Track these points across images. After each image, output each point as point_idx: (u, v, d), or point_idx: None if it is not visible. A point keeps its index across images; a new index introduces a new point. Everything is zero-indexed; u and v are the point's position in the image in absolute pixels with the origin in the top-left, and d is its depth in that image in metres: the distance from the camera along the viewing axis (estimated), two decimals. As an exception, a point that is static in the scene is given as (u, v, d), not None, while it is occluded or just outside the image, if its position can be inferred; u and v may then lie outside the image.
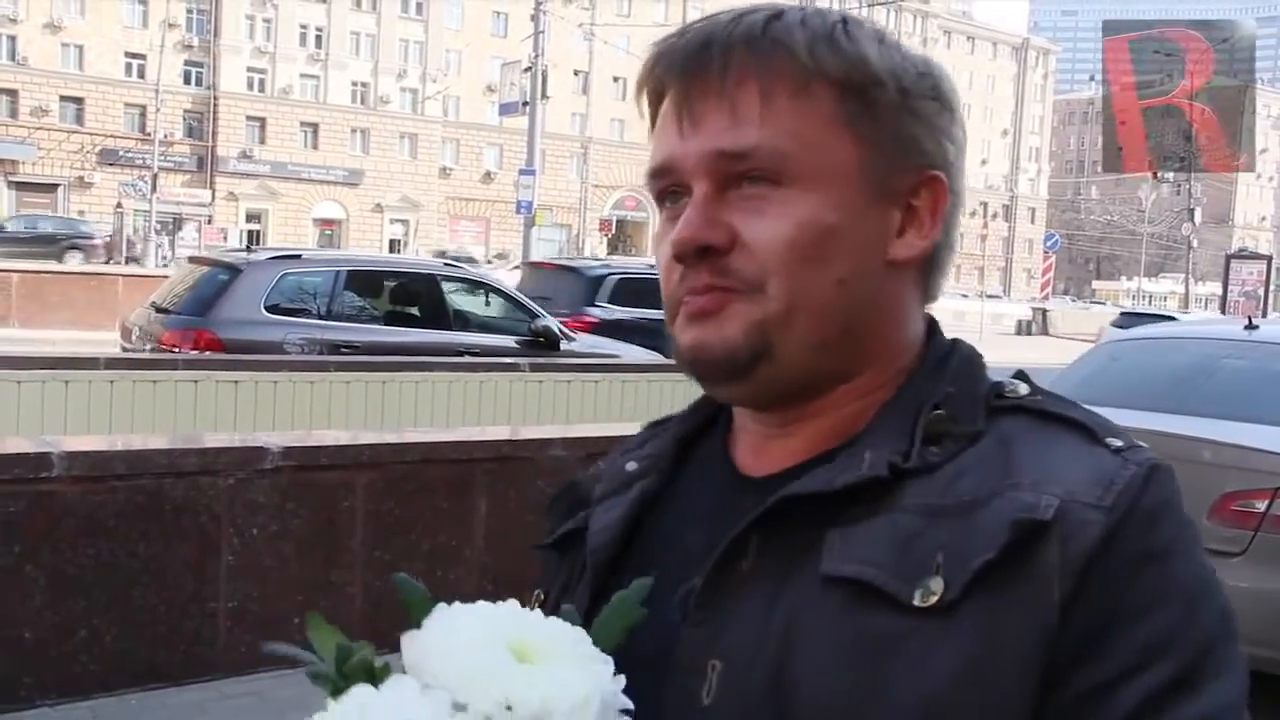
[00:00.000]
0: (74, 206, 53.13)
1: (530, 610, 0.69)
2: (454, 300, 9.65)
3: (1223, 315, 21.20)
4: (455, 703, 0.63)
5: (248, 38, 58.05)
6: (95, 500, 3.63)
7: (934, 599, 0.68)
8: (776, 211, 0.76)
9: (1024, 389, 0.80)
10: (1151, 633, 0.68)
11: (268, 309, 8.41)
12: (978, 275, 78.37)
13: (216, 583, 3.84)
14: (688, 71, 0.77)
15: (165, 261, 32.87)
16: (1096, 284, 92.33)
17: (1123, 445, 0.73)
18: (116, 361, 6.87)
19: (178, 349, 7.91)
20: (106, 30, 54.57)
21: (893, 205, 0.79)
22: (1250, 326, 5.56)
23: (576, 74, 65.48)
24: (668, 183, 0.80)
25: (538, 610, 0.69)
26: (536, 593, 0.89)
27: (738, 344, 0.76)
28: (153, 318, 8.63)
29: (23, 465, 3.54)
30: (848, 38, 0.77)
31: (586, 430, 5.57)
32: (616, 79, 64.90)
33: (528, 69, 25.49)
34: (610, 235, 64.25)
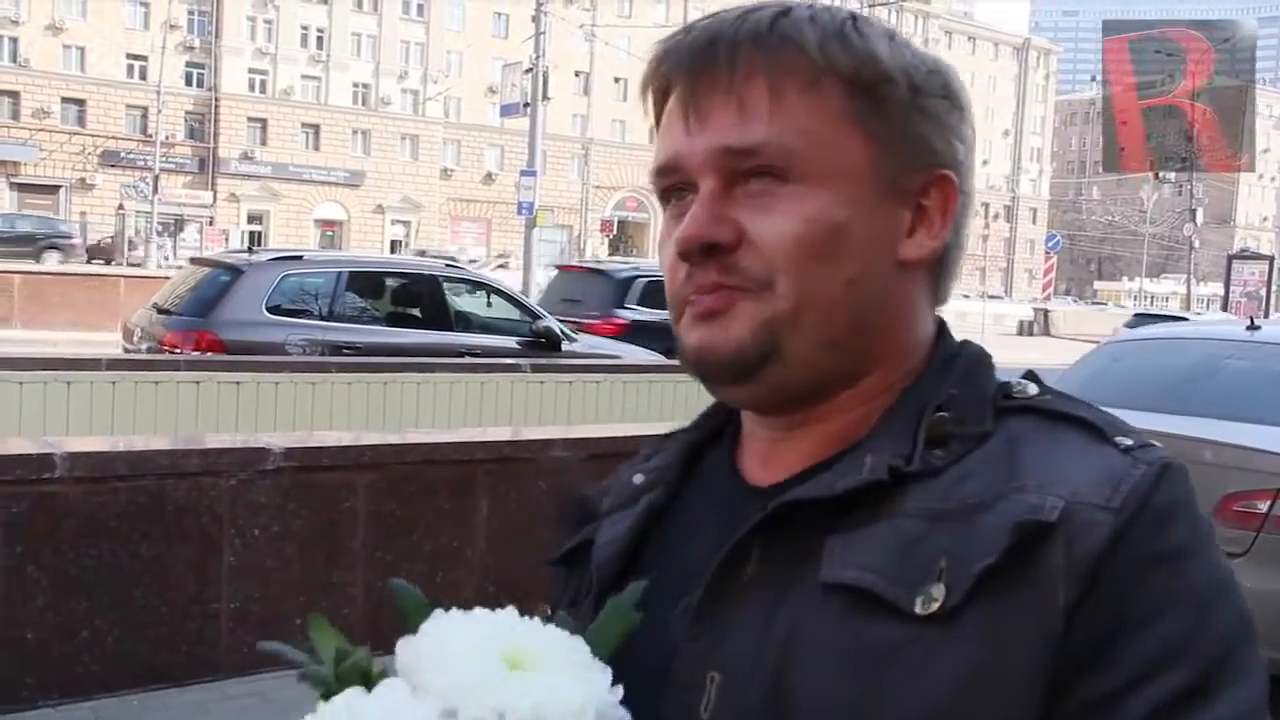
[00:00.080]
0: (76, 208, 53.17)
1: (529, 618, 0.68)
2: (455, 301, 9.65)
3: (1235, 316, 21.17)
4: (445, 709, 0.62)
5: (249, 39, 58.10)
6: (97, 501, 3.63)
7: (935, 606, 0.67)
8: (785, 208, 0.74)
9: (1033, 389, 0.78)
10: (1163, 638, 0.66)
11: (269, 310, 8.42)
12: (979, 276, 78.21)
13: (218, 583, 3.84)
14: (694, 68, 0.76)
15: (167, 260, 32.90)
16: (1098, 284, 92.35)
17: (1133, 444, 0.71)
18: (118, 362, 6.87)
19: (179, 350, 7.91)
20: (108, 32, 54.62)
21: (902, 205, 0.77)
22: (1252, 327, 5.56)
23: (578, 75, 65.48)
24: (673, 181, 0.78)
25: (536, 618, 0.68)
26: (543, 607, 0.87)
27: (745, 344, 0.74)
28: (154, 319, 8.63)
29: (25, 466, 3.54)
30: (858, 34, 0.76)
31: (588, 431, 5.56)
32: (618, 80, 64.93)
33: (529, 70, 25.48)
34: (612, 236, 64.26)
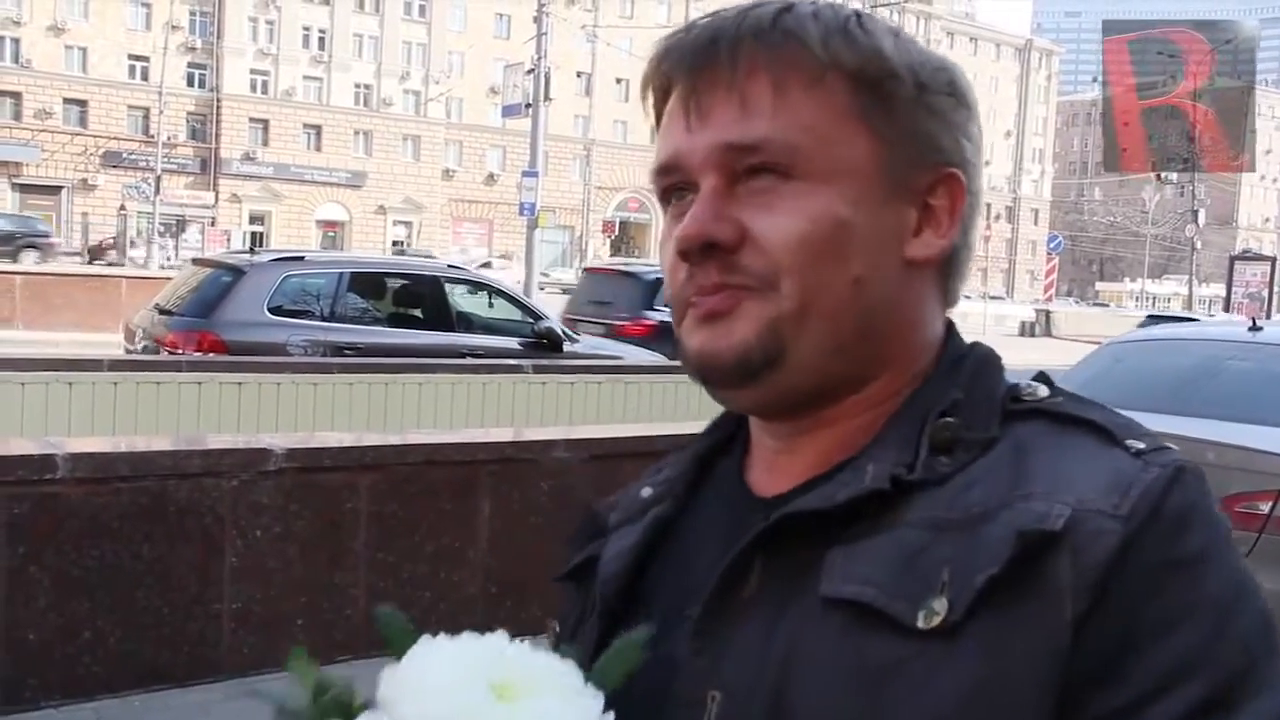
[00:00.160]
0: (78, 209, 53.23)
1: (518, 642, 0.66)
2: (457, 302, 9.65)
3: (1243, 318, 21.17)
4: None
5: (251, 40, 58.16)
6: (99, 502, 3.63)
7: (937, 620, 0.65)
8: (788, 205, 0.72)
9: (1043, 391, 0.75)
10: (1179, 650, 0.63)
11: (271, 311, 8.42)
12: (981, 276, 78.20)
13: (220, 584, 3.84)
14: (695, 66, 0.74)
15: (169, 261, 32.91)
16: (1100, 285, 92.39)
17: (1144, 447, 0.69)
18: (120, 363, 6.88)
19: (181, 350, 7.92)
20: (110, 33, 54.67)
21: (909, 204, 0.75)
22: (1254, 328, 5.55)
23: (579, 76, 65.49)
24: (673, 180, 0.76)
25: (525, 643, 0.66)
26: (553, 623, 0.86)
27: (750, 346, 0.72)
28: (156, 319, 8.64)
29: (27, 467, 3.54)
30: (862, 30, 0.74)
31: (590, 432, 5.57)
32: (619, 81, 64.93)
33: (530, 71, 25.49)
34: (613, 237, 64.29)
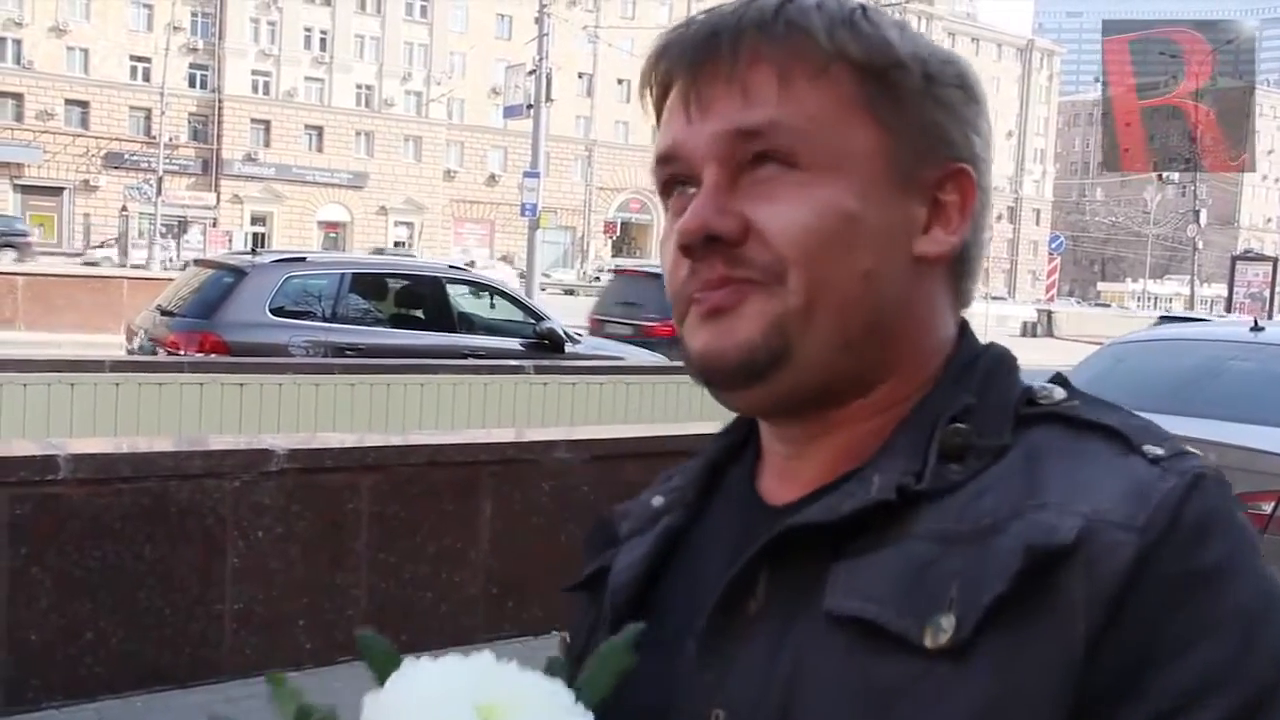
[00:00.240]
0: (79, 210, 53.31)
1: (505, 662, 0.63)
2: (458, 303, 9.65)
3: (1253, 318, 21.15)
4: None
5: (252, 41, 58.20)
6: (101, 503, 3.63)
7: (945, 638, 0.62)
8: (793, 196, 0.69)
9: (1059, 394, 0.72)
10: (1201, 666, 0.60)
11: (272, 311, 8.42)
12: (983, 277, 77.57)
13: (222, 585, 3.84)
14: (696, 61, 0.72)
15: (172, 262, 32.91)
16: (1101, 286, 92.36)
17: (1163, 454, 0.65)
18: (122, 364, 6.88)
19: (183, 351, 7.92)
20: (111, 34, 54.73)
21: (918, 199, 0.73)
22: (1256, 328, 5.55)
23: (581, 76, 65.55)
24: (674, 171, 0.74)
25: (512, 662, 0.63)
26: (563, 635, 0.84)
27: (755, 345, 0.69)
28: (158, 320, 8.64)
29: (29, 468, 3.54)
30: (868, 22, 0.72)
31: (591, 432, 5.57)
32: (621, 81, 64.95)
33: (532, 71, 25.50)
34: (615, 238, 64.33)
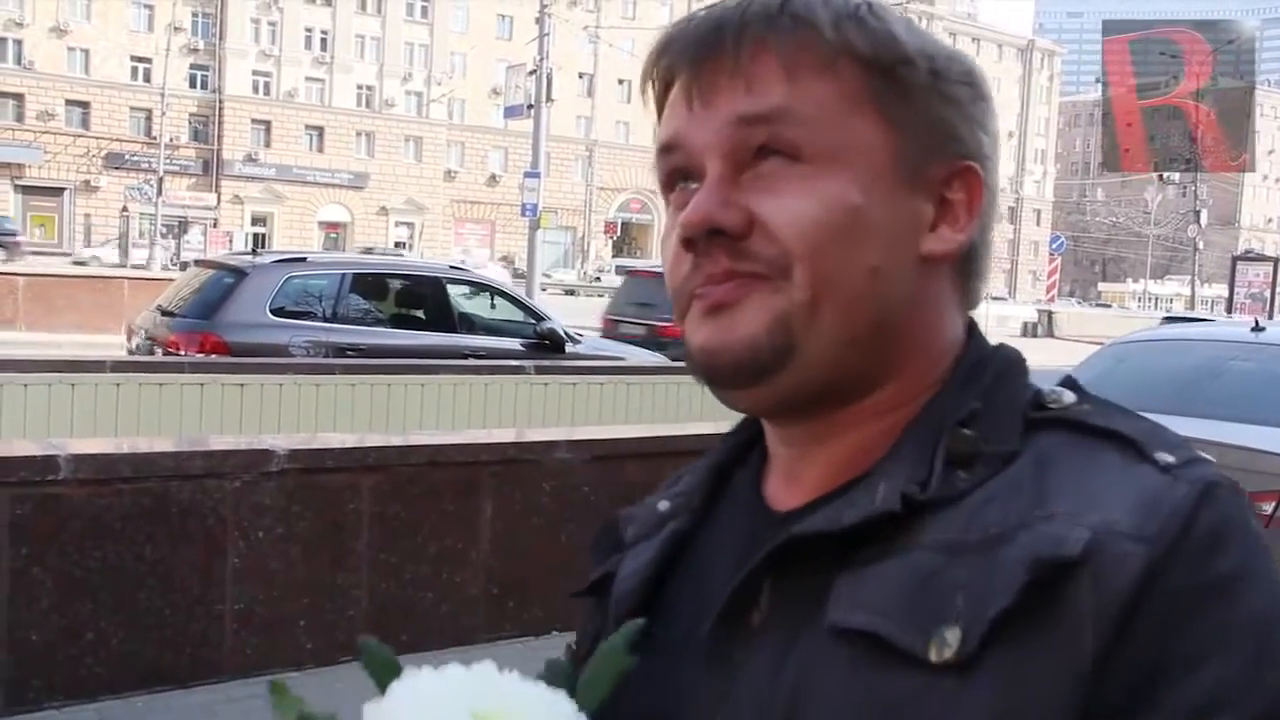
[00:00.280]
0: (80, 210, 53.35)
1: (506, 672, 0.62)
2: (459, 303, 9.66)
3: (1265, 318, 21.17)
4: None
5: (253, 41, 58.22)
6: (102, 503, 3.64)
7: (950, 652, 0.60)
8: (798, 188, 0.68)
9: (1069, 397, 0.70)
10: (1214, 681, 0.58)
11: (273, 312, 8.42)
12: (983, 277, 78.14)
13: (223, 585, 3.84)
14: (699, 57, 0.70)
15: (173, 263, 32.92)
16: (1102, 286, 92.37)
17: (1174, 461, 0.64)
18: (122, 364, 6.88)
19: (183, 352, 7.92)
20: (112, 34, 54.75)
21: (924, 196, 0.71)
22: (1257, 328, 5.55)
23: (581, 77, 65.55)
24: (676, 162, 0.72)
25: (514, 673, 0.62)
26: (569, 643, 0.82)
27: (759, 341, 0.68)
28: (158, 321, 8.64)
29: (29, 468, 3.54)
30: (874, 16, 0.71)
31: (592, 433, 5.58)
32: (621, 81, 64.97)
33: (532, 72, 25.53)
34: (615, 238, 64.33)
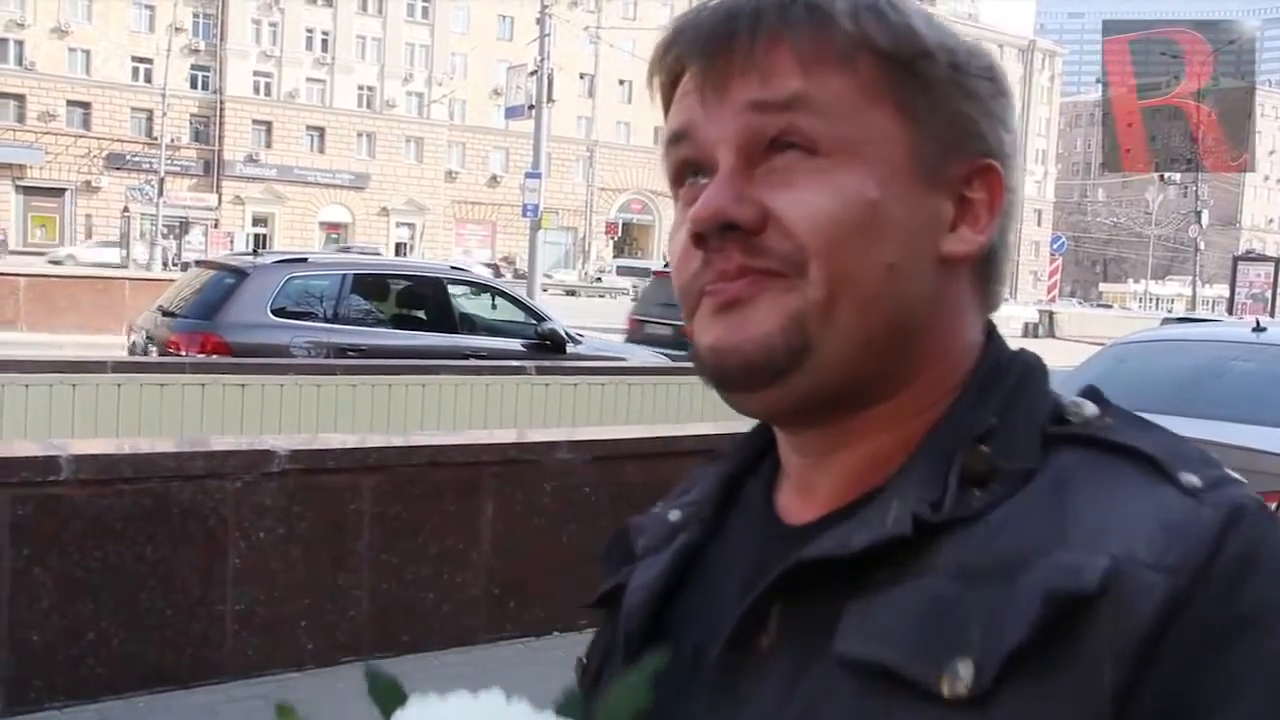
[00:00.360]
0: (81, 211, 53.35)
1: (516, 701, 0.60)
2: (460, 303, 9.66)
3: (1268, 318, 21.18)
4: None
5: (254, 42, 58.23)
6: (103, 503, 3.64)
7: (963, 687, 0.56)
8: (814, 182, 0.65)
9: (1090, 410, 0.66)
10: (1246, 717, 0.54)
11: (274, 312, 8.43)
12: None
13: (223, 586, 3.85)
14: (711, 48, 0.67)
15: (174, 263, 32.93)
16: (1103, 286, 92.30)
17: (1200, 484, 0.59)
18: (124, 365, 6.89)
19: (184, 352, 7.92)
20: (113, 35, 54.77)
21: (944, 195, 0.68)
22: (1258, 329, 5.55)
23: (582, 77, 65.55)
24: (686, 152, 0.69)
25: (524, 703, 0.59)
26: (580, 657, 0.80)
27: (774, 341, 0.64)
28: (159, 321, 8.64)
29: (30, 468, 3.55)
30: (893, 8, 0.68)
31: (593, 433, 5.59)
32: (622, 82, 64.97)
33: (533, 72, 25.54)
34: (616, 238, 64.32)
